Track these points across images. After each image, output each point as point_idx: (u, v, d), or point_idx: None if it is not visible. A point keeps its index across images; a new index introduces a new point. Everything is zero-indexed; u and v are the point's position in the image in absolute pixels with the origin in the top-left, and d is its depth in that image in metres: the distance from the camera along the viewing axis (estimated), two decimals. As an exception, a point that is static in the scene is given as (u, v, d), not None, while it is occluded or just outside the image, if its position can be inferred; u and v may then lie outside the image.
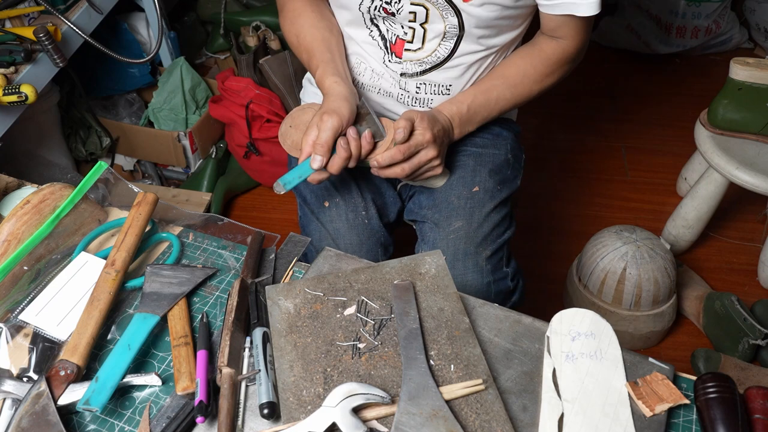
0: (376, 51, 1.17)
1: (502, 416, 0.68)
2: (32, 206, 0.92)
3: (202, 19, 2.34)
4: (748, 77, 1.62)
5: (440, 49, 1.13)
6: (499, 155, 1.22)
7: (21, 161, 1.79)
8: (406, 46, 1.13)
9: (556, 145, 2.36)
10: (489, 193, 1.16)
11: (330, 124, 0.99)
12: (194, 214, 1.00)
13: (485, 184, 1.17)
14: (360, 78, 1.21)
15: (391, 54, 1.16)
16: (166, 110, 2.08)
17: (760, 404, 0.71)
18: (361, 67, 1.20)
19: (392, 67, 1.17)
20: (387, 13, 1.09)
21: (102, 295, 0.82)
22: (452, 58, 1.13)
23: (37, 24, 1.43)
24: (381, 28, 1.14)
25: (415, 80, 1.17)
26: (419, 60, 1.14)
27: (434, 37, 1.11)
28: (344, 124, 1.01)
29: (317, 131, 1.00)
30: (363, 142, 1.03)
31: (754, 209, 2.04)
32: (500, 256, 1.15)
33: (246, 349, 0.77)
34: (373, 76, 1.19)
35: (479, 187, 1.16)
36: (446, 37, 1.11)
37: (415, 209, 1.21)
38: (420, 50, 1.13)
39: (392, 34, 1.13)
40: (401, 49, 1.14)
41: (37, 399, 0.72)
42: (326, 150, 1.00)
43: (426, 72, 1.16)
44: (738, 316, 1.62)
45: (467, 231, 1.12)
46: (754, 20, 2.68)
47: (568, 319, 0.78)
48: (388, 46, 1.15)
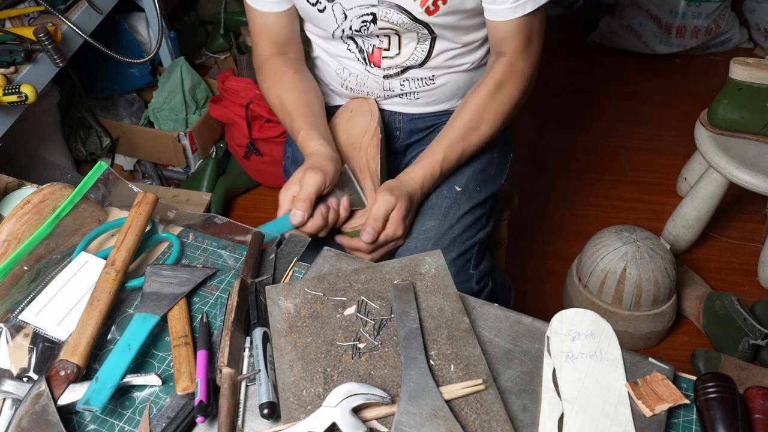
0: (356, 64, 1.19)
1: (502, 416, 0.68)
2: (32, 206, 0.92)
3: (202, 19, 2.34)
4: (748, 77, 1.62)
5: (417, 52, 1.14)
6: (483, 155, 1.22)
7: (21, 161, 1.80)
8: (384, 54, 1.15)
9: (556, 145, 2.36)
10: (467, 194, 1.16)
11: (313, 180, 0.98)
12: (194, 214, 0.99)
13: (467, 183, 1.17)
14: (346, 83, 1.23)
15: (369, 63, 1.18)
16: (166, 110, 2.08)
17: (760, 404, 0.71)
18: (345, 73, 1.22)
19: (374, 72, 1.19)
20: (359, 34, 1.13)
21: (102, 295, 0.82)
22: (431, 58, 1.15)
23: (37, 24, 1.43)
24: (357, 42, 1.16)
25: (398, 79, 1.19)
26: (398, 65, 1.17)
27: (410, 42, 1.13)
28: (327, 183, 1.00)
29: (298, 187, 0.99)
30: (340, 210, 1.03)
31: (754, 209, 2.04)
32: (467, 258, 1.14)
33: (246, 349, 0.77)
34: (359, 80, 1.22)
35: (460, 186, 1.16)
36: (421, 40, 1.13)
37: None
38: (398, 56, 1.15)
39: (368, 44, 1.15)
40: (379, 57, 1.16)
41: (37, 399, 0.72)
42: (308, 206, 0.98)
43: (407, 70, 1.18)
44: (738, 316, 1.62)
45: (437, 232, 1.11)
46: (754, 20, 2.68)
47: (568, 319, 0.78)
48: (366, 57, 1.17)
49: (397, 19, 1.08)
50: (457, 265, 1.12)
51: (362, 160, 1.14)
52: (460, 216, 1.14)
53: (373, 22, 1.09)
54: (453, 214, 1.13)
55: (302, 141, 1.10)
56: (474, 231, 1.16)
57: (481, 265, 1.18)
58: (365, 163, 1.14)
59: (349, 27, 1.11)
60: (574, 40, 2.82)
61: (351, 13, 1.09)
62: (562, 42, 2.80)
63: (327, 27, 1.14)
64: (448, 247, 1.11)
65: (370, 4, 1.07)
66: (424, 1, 1.05)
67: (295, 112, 1.14)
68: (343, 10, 1.09)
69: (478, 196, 1.17)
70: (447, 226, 1.12)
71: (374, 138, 1.16)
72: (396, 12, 1.07)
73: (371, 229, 1.00)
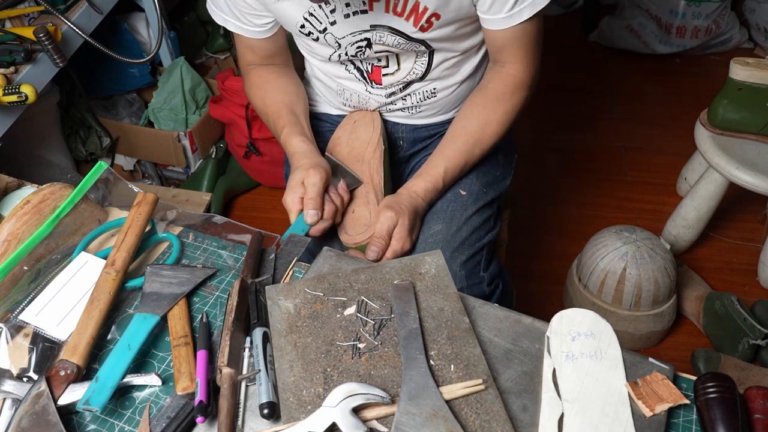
0: (356, 84, 1.19)
1: (502, 416, 0.68)
2: (32, 206, 0.92)
3: (202, 19, 2.34)
4: (748, 77, 1.62)
5: (417, 66, 1.14)
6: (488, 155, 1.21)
7: (21, 161, 1.80)
8: (383, 71, 1.15)
9: (556, 145, 2.36)
10: (473, 197, 1.15)
11: (318, 179, 1.02)
12: (194, 214, 0.99)
13: (471, 186, 1.16)
14: (349, 102, 1.24)
15: (370, 83, 1.18)
16: (166, 110, 2.08)
17: (760, 404, 0.71)
18: (346, 93, 1.22)
19: (376, 92, 1.19)
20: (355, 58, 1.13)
21: (102, 295, 0.82)
22: (431, 71, 1.15)
23: (37, 24, 1.43)
24: (356, 63, 1.15)
25: (400, 95, 1.19)
26: (399, 81, 1.16)
27: (408, 58, 1.13)
28: (328, 178, 1.04)
29: (302, 189, 1.02)
30: (341, 193, 1.07)
31: (754, 209, 2.04)
32: (477, 260, 1.13)
33: (246, 349, 0.77)
34: (360, 99, 1.22)
35: (465, 191, 1.15)
36: (419, 55, 1.12)
37: None
38: (398, 71, 1.15)
39: (367, 64, 1.15)
40: (379, 75, 1.16)
41: (37, 399, 0.72)
42: (319, 203, 1.01)
43: (409, 86, 1.18)
44: (738, 316, 1.62)
45: (445, 235, 1.10)
46: (754, 20, 2.68)
47: (568, 319, 0.78)
48: (366, 76, 1.17)
49: (392, 41, 1.07)
50: (468, 267, 1.11)
51: (365, 173, 1.14)
52: (468, 218, 1.13)
53: (368, 46, 1.08)
54: (460, 216, 1.12)
55: (285, 138, 1.13)
56: (483, 233, 1.15)
57: (491, 267, 1.17)
58: (368, 176, 1.14)
59: (345, 53, 1.11)
60: (574, 40, 2.82)
61: (344, 41, 1.08)
62: (562, 42, 2.80)
63: (323, 53, 1.13)
64: (457, 250, 1.10)
65: (362, 30, 1.06)
66: (417, 20, 1.03)
67: (278, 113, 1.17)
68: (336, 40, 1.08)
69: (485, 198, 1.17)
70: (455, 229, 1.11)
71: (377, 150, 1.16)
72: (390, 34, 1.06)
73: (375, 247, 1.01)
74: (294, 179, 1.04)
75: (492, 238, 1.18)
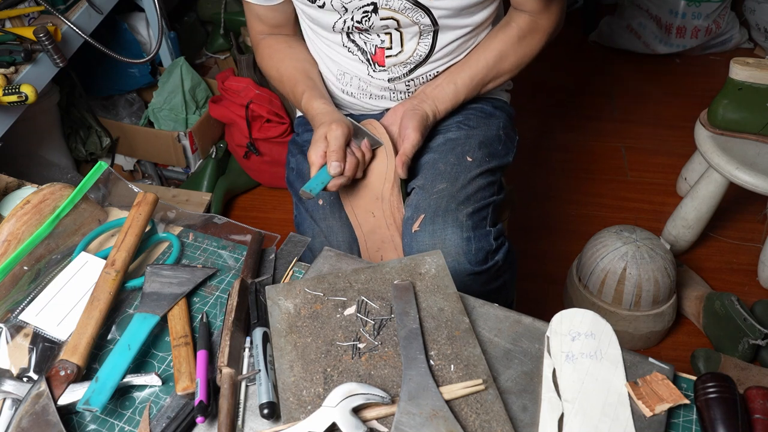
0: (359, 66, 1.19)
1: (502, 416, 0.68)
2: (32, 206, 0.92)
3: (202, 19, 2.34)
4: (748, 77, 1.62)
5: (420, 47, 1.14)
6: (490, 131, 1.23)
7: (21, 161, 1.80)
8: (387, 53, 1.15)
9: (556, 144, 2.36)
10: (477, 162, 1.17)
11: (340, 132, 1.04)
12: (194, 214, 1.00)
13: (474, 153, 1.18)
14: (348, 89, 1.23)
15: (373, 65, 1.18)
16: (166, 110, 2.08)
17: (760, 404, 0.71)
18: (346, 78, 1.22)
19: (378, 76, 1.19)
20: (360, 30, 1.12)
21: (102, 295, 0.82)
22: (434, 53, 1.15)
23: (37, 24, 1.43)
24: (359, 43, 1.16)
25: (404, 80, 1.19)
26: (402, 62, 1.16)
27: (412, 37, 1.13)
28: (350, 133, 1.06)
29: (325, 143, 1.05)
30: (364, 150, 1.09)
31: (754, 209, 2.04)
32: (483, 215, 1.13)
33: (246, 349, 0.77)
34: (361, 84, 1.22)
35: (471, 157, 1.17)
36: (423, 35, 1.12)
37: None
38: (401, 53, 1.15)
39: (371, 45, 1.15)
40: (383, 57, 1.16)
41: (37, 399, 0.72)
42: (342, 155, 1.04)
43: (412, 71, 1.18)
44: (738, 316, 1.62)
45: (450, 191, 1.11)
46: (754, 20, 2.68)
47: (568, 319, 0.78)
48: (369, 58, 1.17)
49: (398, 5, 1.06)
50: (474, 219, 1.11)
51: (387, 211, 1.13)
52: (472, 178, 1.14)
53: (374, 11, 1.08)
54: (464, 177, 1.14)
55: (306, 102, 1.15)
56: (488, 193, 1.16)
57: (498, 226, 1.17)
58: (390, 214, 1.13)
59: (351, 18, 1.10)
60: (574, 40, 2.82)
61: (351, 5, 1.08)
62: (562, 42, 2.80)
63: (328, 21, 1.13)
64: (463, 203, 1.11)
65: None
66: None
67: (295, 80, 1.19)
68: (342, 3, 1.08)
69: (488, 164, 1.18)
70: (459, 186, 1.13)
71: (394, 186, 1.13)
72: None
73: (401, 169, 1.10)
74: (317, 134, 1.07)
75: (497, 200, 1.18)
